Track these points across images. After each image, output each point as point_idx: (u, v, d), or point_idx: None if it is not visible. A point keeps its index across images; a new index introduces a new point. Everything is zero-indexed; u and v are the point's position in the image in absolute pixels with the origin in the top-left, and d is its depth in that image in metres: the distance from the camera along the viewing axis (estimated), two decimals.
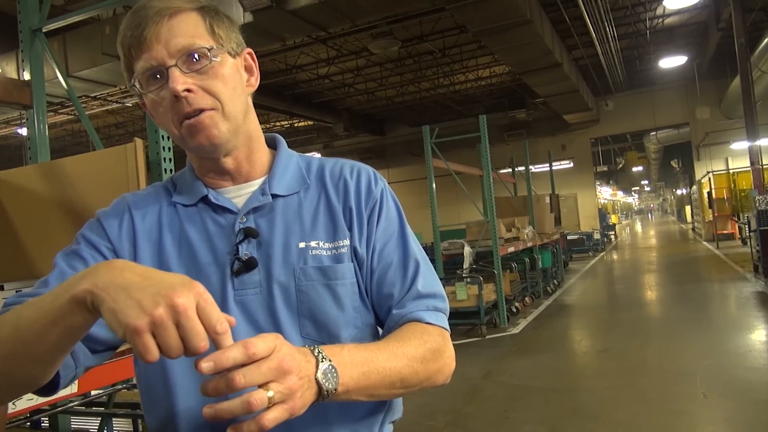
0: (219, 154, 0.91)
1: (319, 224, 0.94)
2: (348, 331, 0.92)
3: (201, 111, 0.86)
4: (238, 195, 0.95)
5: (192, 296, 0.65)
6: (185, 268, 0.90)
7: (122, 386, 3.33)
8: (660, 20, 13.54)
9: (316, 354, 0.74)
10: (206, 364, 0.64)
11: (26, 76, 3.22)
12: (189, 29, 0.86)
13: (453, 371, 0.96)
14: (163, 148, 2.38)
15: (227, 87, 0.88)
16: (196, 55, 0.86)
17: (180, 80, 0.84)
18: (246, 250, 0.90)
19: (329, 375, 0.74)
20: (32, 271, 2.64)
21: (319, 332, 0.90)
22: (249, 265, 0.89)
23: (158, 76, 0.86)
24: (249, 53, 0.96)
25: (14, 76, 8.45)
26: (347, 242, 0.93)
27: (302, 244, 0.91)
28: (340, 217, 0.95)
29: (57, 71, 3.23)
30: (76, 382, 2.19)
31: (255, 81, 0.96)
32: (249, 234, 0.90)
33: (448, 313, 0.98)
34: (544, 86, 14.00)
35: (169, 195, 0.98)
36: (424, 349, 0.89)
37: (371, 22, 10.91)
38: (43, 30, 3.28)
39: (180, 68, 0.85)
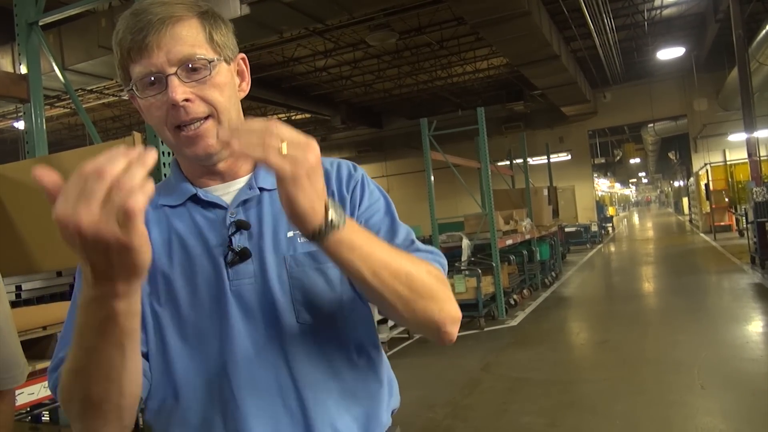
0: (214, 161, 0.93)
1: None
2: (342, 312, 0.94)
3: (197, 120, 0.87)
4: (226, 192, 0.96)
5: None
6: (178, 261, 0.92)
7: None
8: (658, 11, 13.51)
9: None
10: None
11: (23, 69, 3.21)
12: (190, 38, 0.87)
13: (457, 318, 0.91)
14: (162, 141, 2.37)
15: (223, 96, 0.90)
16: (195, 66, 0.87)
17: (179, 90, 0.85)
18: (239, 241, 0.91)
19: (338, 209, 0.77)
20: (31, 265, 2.63)
21: (314, 317, 0.92)
22: (243, 255, 0.90)
23: (155, 82, 0.87)
24: (242, 59, 0.98)
25: (10, 69, 8.40)
26: None
27: (290, 234, 0.93)
28: None
29: (54, 64, 3.22)
30: None
31: (246, 86, 0.98)
32: (240, 226, 0.92)
33: (446, 271, 0.97)
34: (541, 78, 13.96)
35: (154, 199, 0.97)
36: (428, 267, 0.89)
37: (368, 14, 10.85)
38: (40, 23, 3.26)
39: (179, 77, 0.86)
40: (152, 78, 0.86)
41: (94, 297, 0.65)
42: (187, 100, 0.86)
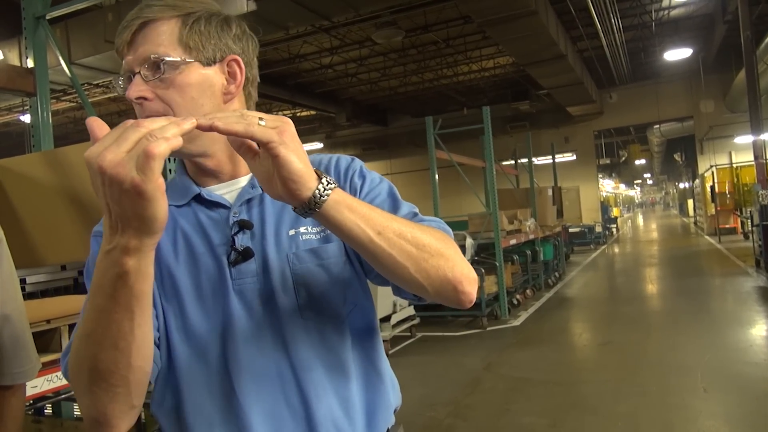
0: (193, 155, 0.94)
1: None
2: (346, 307, 0.95)
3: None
4: (228, 191, 0.97)
5: None
6: (183, 259, 0.93)
7: None
8: (666, 12, 13.45)
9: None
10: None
11: (29, 63, 3.21)
12: (157, 38, 0.88)
13: (472, 278, 0.89)
14: None
15: (184, 97, 0.88)
16: (156, 64, 0.88)
17: (134, 88, 0.88)
18: (241, 241, 0.92)
19: (330, 180, 0.76)
20: (35, 258, 2.64)
21: (318, 313, 0.92)
22: (246, 254, 0.91)
23: (129, 80, 0.90)
24: (234, 60, 0.94)
25: (17, 63, 8.42)
26: None
27: (292, 232, 0.94)
28: None
29: (60, 58, 3.22)
30: None
31: (235, 89, 0.94)
32: (243, 226, 0.93)
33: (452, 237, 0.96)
34: (548, 78, 13.92)
35: None
36: (433, 230, 0.87)
37: (375, 12, 10.84)
38: (47, 17, 3.27)
39: (143, 75, 0.87)
40: (128, 77, 0.90)
41: (107, 251, 0.68)
42: (144, 98, 0.87)
